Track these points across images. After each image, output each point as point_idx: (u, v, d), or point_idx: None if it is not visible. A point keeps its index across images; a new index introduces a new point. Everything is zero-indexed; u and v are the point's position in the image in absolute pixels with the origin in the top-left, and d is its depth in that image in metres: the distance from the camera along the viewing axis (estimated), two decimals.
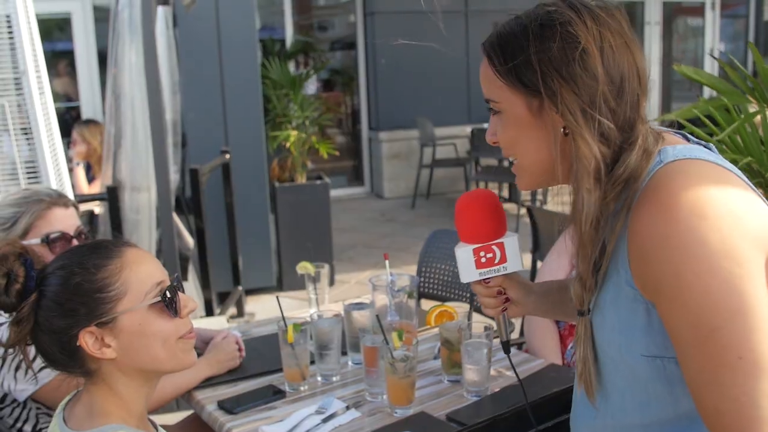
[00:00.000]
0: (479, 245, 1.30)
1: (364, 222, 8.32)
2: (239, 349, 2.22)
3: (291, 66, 8.14)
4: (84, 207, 4.29)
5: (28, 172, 3.23)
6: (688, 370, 1.05)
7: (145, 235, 4.09)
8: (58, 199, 1.97)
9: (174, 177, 4.48)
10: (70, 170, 4.97)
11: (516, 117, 1.17)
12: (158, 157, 3.70)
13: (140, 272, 1.28)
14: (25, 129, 3.21)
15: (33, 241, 1.91)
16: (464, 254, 1.30)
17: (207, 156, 4.99)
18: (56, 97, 10.12)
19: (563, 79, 1.10)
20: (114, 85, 4.00)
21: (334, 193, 9.19)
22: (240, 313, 5.28)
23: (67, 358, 1.28)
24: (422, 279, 3.32)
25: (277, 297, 2.16)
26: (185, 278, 4.49)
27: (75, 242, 1.98)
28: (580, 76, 1.09)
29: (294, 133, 6.03)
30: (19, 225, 1.91)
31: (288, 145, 6.03)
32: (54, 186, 3.15)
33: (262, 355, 2.28)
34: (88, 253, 1.28)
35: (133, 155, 3.97)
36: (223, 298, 5.28)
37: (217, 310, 4.89)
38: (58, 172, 3.34)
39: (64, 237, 1.95)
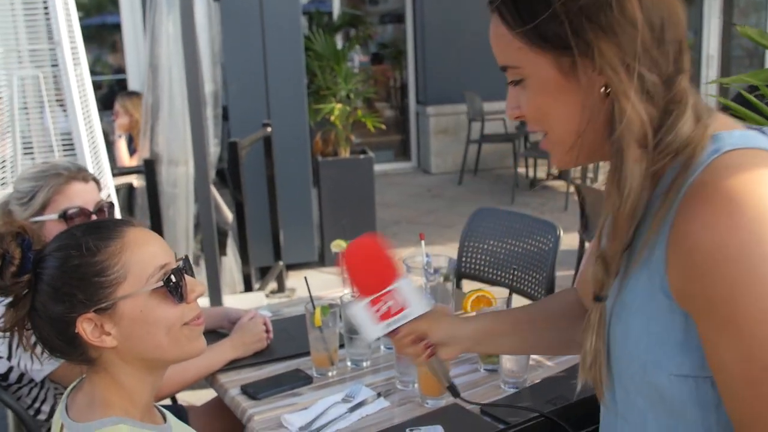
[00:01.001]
0: (371, 297, 1.19)
1: (410, 197, 8.20)
2: (267, 331, 2.13)
3: (338, 39, 8.00)
4: (123, 180, 4.27)
5: (64, 145, 3.19)
6: (731, 403, 0.89)
7: (182, 208, 4.05)
8: (77, 173, 1.90)
9: (214, 150, 4.42)
10: (112, 142, 4.96)
11: (543, 82, 0.98)
12: (196, 130, 3.63)
13: (142, 254, 1.19)
14: (60, 101, 3.16)
15: (51, 216, 1.85)
16: (359, 310, 1.20)
17: (249, 129, 4.92)
18: (107, 69, 10.21)
19: (600, 29, 0.91)
20: (150, 55, 3.94)
21: (380, 167, 9.10)
22: (281, 288, 5.24)
23: (66, 345, 1.19)
24: (464, 259, 3.19)
25: (305, 278, 2.07)
26: (224, 253, 4.44)
27: (95, 218, 1.91)
28: (618, 23, 0.91)
29: (338, 106, 5.92)
30: (37, 200, 1.84)
31: (332, 118, 5.92)
32: (89, 158, 3.10)
33: (292, 337, 2.19)
34: (86, 234, 1.18)
35: (170, 128, 3.91)
36: (265, 273, 5.24)
37: (256, 285, 4.85)
38: (94, 144, 3.29)
39: (83, 212, 1.87)
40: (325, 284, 4.44)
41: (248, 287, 4.67)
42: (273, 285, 5.22)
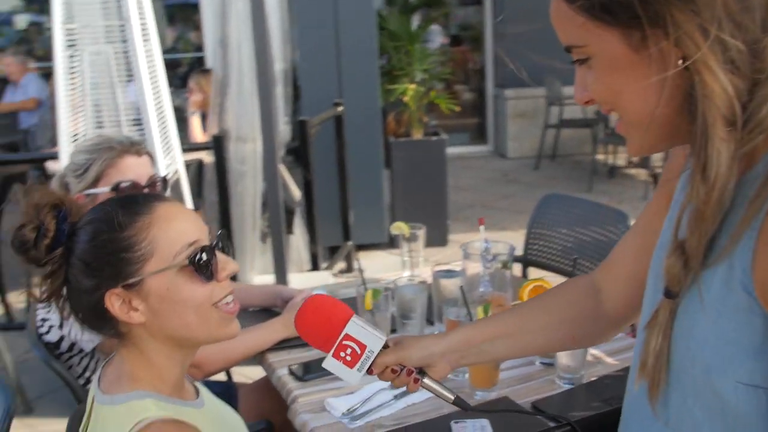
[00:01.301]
0: (333, 349, 1.19)
1: (485, 181, 8.07)
2: None
3: (415, 19, 7.89)
4: (193, 156, 4.31)
5: (133, 120, 3.22)
6: None
7: (249, 186, 4.06)
8: (129, 147, 1.89)
9: (284, 128, 4.42)
10: (183, 119, 5.02)
11: (611, 59, 0.87)
12: (264, 108, 3.62)
13: (170, 230, 1.15)
14: (130, 77, 3.20)
15: (103, 189, 1.85)
16: (331, 364, 1.20)
17: (320, 108, 4.90)
18: (189, 47, 10.34)
19: None
20: (220, 32, 3.95)
21: (456, 150, 8.98)
22: (349, 268, 5.23)
23: (97, 318, 1.18)
24: (530, 246, 3.10)
25: (358, 260, 2.02)
26: (290, 231, 4.45)
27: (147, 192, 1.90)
28: None
29: (412, 86, 5.84)
30: (90, 172, 1.85)
31: (406, 99, 5.85)
32: (156, 134, 3.12)
33: None
34: (117, 208, 1.16)
35: (239, 105, 3.92)
36: (335, 253, 5.23)
37: (323, 265, 4.84)
38: (163, 119, 3.32)
39: (135, 186, 1.87)
40: (392, 266, 4.41)
41: (315, 266, 4.67)
42: (341, 265, 5.21)
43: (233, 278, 3.67)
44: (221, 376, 2.60)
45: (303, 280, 4.08)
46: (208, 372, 1.86)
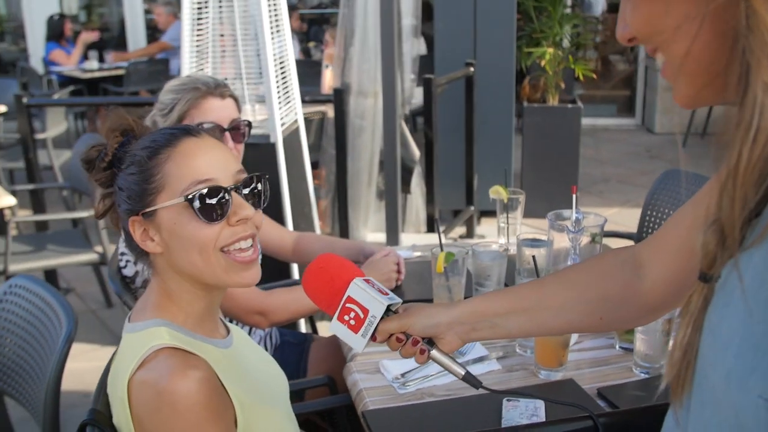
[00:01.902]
0: (337, 312, 1.13)
1: (626, 155, 7.69)
2: (398, 271, 2.05)
3: None
4: (316, 108, 4.34)
5: (252, 73, 3.25)
6: None
7: (367, 141, 4.04)
8: (214, 89, 1.90)
9: (410, 85, 4.35)
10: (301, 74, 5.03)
11: None
12: (386, 63, 3.58)
13: (183, 166, 1.15)
14: (246, 29, 3.21)
15: None
16: (336, 328, 1.15)
17: (453, 67, 4.80)
18: (338, 3, 10.43)
19: None
20: None
21: (601, 122, 8.63)
22: (470, 233, 5.13)
23: (130, 244, 1.22)
24: (645, 224, 2.90)
25: (436, 219, 1.95)
26: (407, 190, 4.40)
27: (228, 135, 1.91)
28: None
29: (550, 50, 5.59)
30: (174, 112, 1.88)
31: (543, 63, 5.62)
32: (274, 85, 3.13)
33: (423, 280, 2.09)
34: (150, 139, 1.19)
35: (361, 59, 3.88)
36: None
37: (441, 228, 4.77)
38: (285, 72, 3.33)
39: (216, 128, 1.88)
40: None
41: (431, 228, 4.61)
42: (461, 230, 5.12)
43: (345, 233, 3.66)
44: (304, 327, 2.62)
45: (417, 241, 4.04)
46: (273, 321, 1.86)
